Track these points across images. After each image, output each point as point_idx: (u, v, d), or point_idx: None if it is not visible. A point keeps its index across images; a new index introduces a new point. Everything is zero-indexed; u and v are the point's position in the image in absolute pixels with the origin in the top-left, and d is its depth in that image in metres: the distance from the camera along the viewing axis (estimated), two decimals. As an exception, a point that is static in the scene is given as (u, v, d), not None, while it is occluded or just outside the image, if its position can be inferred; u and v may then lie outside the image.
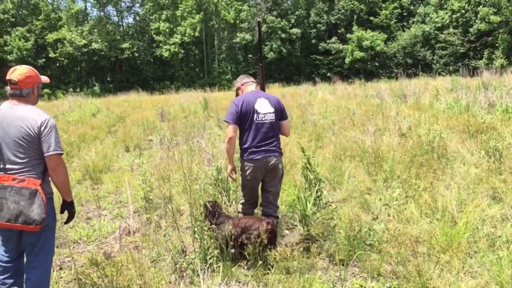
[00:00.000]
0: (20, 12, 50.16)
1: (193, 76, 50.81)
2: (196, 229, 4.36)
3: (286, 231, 5.25)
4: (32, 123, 3.25)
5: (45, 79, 3.60)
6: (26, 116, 3.28)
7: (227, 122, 4.52)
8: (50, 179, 3.45)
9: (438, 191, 5.73)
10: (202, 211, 4.56)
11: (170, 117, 16.86)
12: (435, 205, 5.28)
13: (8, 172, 3.25)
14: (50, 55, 47.26)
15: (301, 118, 13.02)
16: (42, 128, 3.27)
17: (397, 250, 4.15)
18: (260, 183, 4.68)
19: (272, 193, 4.67)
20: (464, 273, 4.01)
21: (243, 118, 4.46)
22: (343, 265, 4.14)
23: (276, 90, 26.60)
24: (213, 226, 4.31)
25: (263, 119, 4.47)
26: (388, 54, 46.30)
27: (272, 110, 4.51)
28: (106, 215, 6.47)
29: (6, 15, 47.82)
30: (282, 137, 4.81)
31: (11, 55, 44.81)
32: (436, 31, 44.57)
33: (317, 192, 5.31)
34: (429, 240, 4.52)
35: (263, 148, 4.46)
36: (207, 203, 4.60)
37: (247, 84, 4.73)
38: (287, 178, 6.78)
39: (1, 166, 3.27)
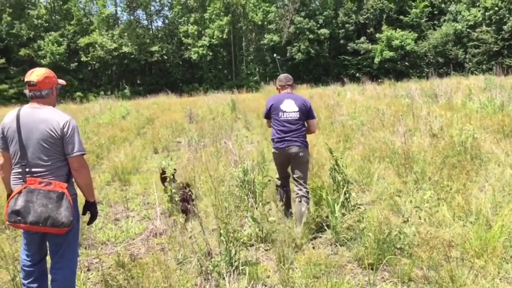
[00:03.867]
0: (53, 17, 51.48)
1: (221, 78, 51.07)
2: (222, 231, 4.32)
3: (314, 234, 5.15)
4: (54, 125, 3.26)
5: (61, 81, 3.63)
6: (48, 118, 3.29)
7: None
8: (73, 180, 3.46)
9: (471, 193, 5.54)
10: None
11: (198, 118, 16.93)
12: (468, 207, 5.10)
13: (34, 175, 3.26)
14: (82, 59, 48.27)
15: (329, 119, 12.87)
16: (65, 129, 3.28)
17: (428, 254, 4.02)
18: (289, 165, 5.50)
19: (298, 176, 5.36)
20: (500, 279, 3.84)
21: (272, 115, 5.47)
22: (372, 269, 4.04)
23: (304, 91, 26.41)
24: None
25: (288, 116, 5.33)
26: (418, 54, 45.40)
27: (297, 109, 5.34)
28: (134, 217, 6.51)
29: (39, 21, 49.17)
30: (310, 138, 4.94)
31: (44, 59, 45.96)
32: (468, 29, 43.46)
33: (345, 194, 5.20)
34: (462, 244, 4.37)
35: (286, 139, 5.29)
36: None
37: (283, 88, 5.64)
38: (315, 179, 6.70)
39: (27, 169, 3.27)
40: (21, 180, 3.27)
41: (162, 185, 5.88)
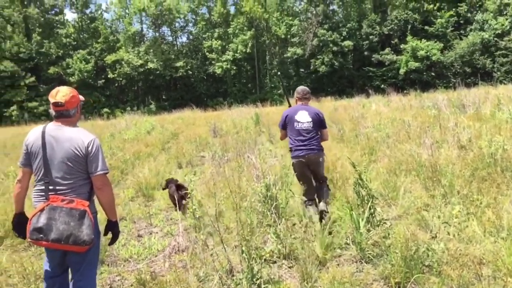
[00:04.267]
0: (81, 36, 52.78)
1: (246, 91, 51.34)
2: (243, 248, 4.25)
3: (338, 251, 5.02)
4: (79, 144, 3.31)
5: (81, 97, 3.66)
6: (73, 137, 3.34)
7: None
8: (94, 198, 3.48)
9: (503, 207, 5.33)
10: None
11: (222, 133, 16.95)
12: (500, 222, 4.90)
13: (57, 193, 3.29)
14: (109, 76, 49.28)
15: (354, 131, 12.71)
16: (89, 148, 3.32)
17: (458, 272, 3.85)
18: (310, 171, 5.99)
19: (317, 177, 6.02)
20: (536, 299, 3.65)
21: (287, 125, 6.06)
22: (399, 288, 3.89)
23: (328, 103, 26.27)
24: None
25: (302, 126, 5.89)
26: (445, 64, 44.70)
27: (310, 119, 5.89)
28: (157, 233, 6.49)
29: (68, 39, 50.54)
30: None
31: (73, 77, 47.09)
32: (495, 38, 42.63)
33: (370, 209, 5.07)
34: (494, 262, 4.18)
35: (304, 148, 5.84)
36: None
37: (299, 99, 6.20)
38: (338, 195, 6.59)
39: (50, 187, 3.30)
40: (44, 198, 3.30)
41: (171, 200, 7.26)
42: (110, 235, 3.63)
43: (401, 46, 46.07)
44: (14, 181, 5.05)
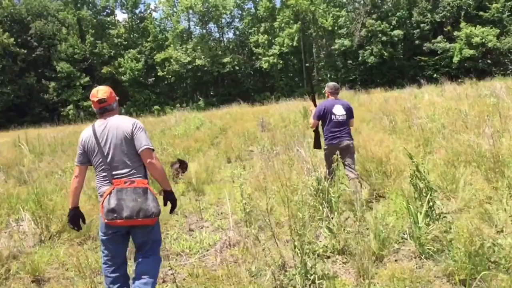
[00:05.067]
0: (131, 36, 54.11)
1: (293, 85, 50.95)
2: (296, 243, 4.12)
3: (395, 246, 4.80)
4: (126, 127, 3.72)
5: None
6: (119, 124, 3.75)
7: (312, 118, 6.90)
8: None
9: None
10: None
11: (270, 127, 16.86)
12: None
13: (117, 177, 3.61)
14: (158, 74, 50.31)
15: (407, 122, 12.27)
16: (134, 129, 3.72)
17: (529, 269, 3.57)
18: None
19: (349, 163, 6.55)
20: None
21: (324, 117, 6.68)
22: (464, 285, 3.65)
23: (378, 95, 25.60)
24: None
25: (338, 118, 6.60)
26: (502, 50, 42.49)
27: (344, 112, 6.65)
28: (208, 227, 6.48)
29: (119, 39, 51.92)
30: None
31: (124, 76, 48.40)
32: (557, 21, 40.16)
33: (428, 202, 4.80)
34: None
35: (338, 136, 6.53)
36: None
37: (331, 94, 6.91)
38: (393, 188, 6.35)
39: (112, 173, 3.63)
40: (108, 182, 3.62)
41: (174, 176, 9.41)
42: (169, 206, 3.95)
43: (454, 34, 44.22)
44: (70, 177, 5.21)
